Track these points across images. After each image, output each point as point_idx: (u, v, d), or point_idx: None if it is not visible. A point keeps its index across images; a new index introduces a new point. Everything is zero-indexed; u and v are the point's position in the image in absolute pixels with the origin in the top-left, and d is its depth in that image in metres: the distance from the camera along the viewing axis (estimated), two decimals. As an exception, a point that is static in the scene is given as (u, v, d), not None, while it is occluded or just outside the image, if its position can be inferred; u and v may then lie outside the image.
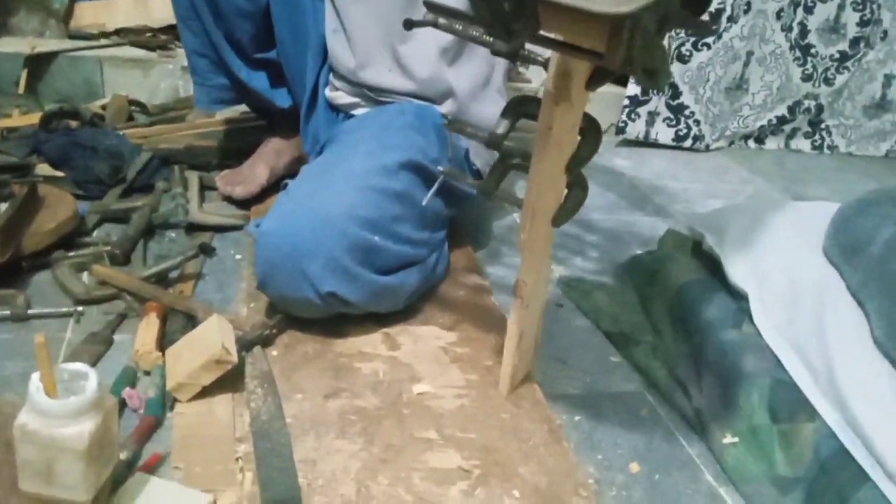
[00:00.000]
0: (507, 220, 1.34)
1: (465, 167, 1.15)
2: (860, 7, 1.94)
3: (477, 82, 1.13)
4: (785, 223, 1.04)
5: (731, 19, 1.83)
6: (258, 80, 1.27)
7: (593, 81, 0.69)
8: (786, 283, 0.93)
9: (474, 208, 1.28)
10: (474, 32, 0.73)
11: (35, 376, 0.59)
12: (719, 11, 1.80)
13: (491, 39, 0.71)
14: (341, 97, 1.18)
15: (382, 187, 0.94)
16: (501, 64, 1.16)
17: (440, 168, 0.90)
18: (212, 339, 0.81)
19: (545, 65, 0.72)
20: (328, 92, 1.20)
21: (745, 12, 1.84)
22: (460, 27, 0.75)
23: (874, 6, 1.94)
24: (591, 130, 0.75)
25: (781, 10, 1.90)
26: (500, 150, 0.79)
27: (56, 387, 0.59)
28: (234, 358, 0.81)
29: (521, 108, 0.77)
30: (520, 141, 0.82)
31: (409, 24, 0.79)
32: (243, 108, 1.45)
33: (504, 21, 0.63)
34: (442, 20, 0.75)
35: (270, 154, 1.32)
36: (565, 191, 0.78)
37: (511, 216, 1.36)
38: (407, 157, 0.98)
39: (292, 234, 0.87)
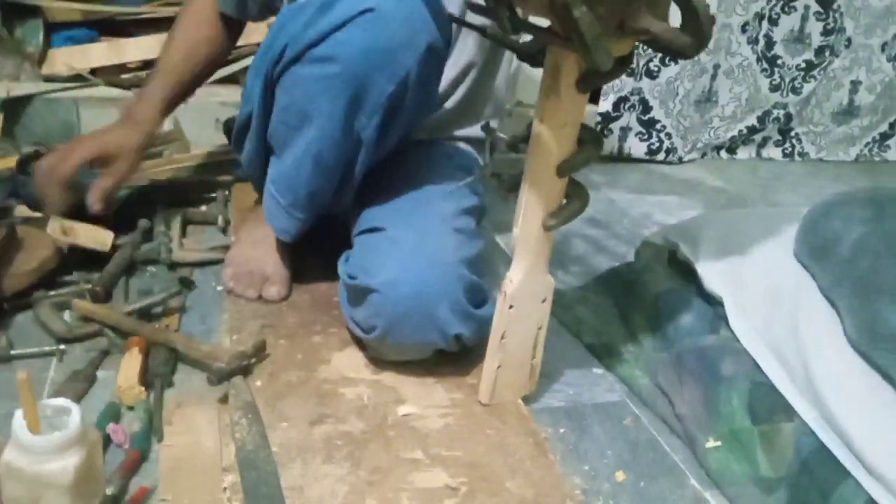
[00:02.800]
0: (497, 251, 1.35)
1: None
2: (823, 17, 1.99)
3: None
4: (756, 229, 1.06)
5: (697, 34, 1.87)
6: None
7: (584, 82, 0.73)
8: (760, 286, 0.94)
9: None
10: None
11: (18, 413, 0.59)
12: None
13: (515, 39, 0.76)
14: None
15: (465, 228, 1.00)
16: None
17: (483, 164, 0.98)
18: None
19: None
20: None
21: (710, 27, 1.88)
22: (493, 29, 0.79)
23: (836, 15, 1.99)
24: (589, 141, 0.79)
25: (746, 23, 1.94)
26: (516, 152, 0.84)
27: (39, 423, 0.59)
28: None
29: None
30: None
31: (463, 24, 0.89)
32: (222, 140, 1.46)
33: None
34: (487, 22, 0.79)
35: (278, 243, 1.13)
36: (564, 201, 0.81)
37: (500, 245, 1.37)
38: (476, 199, 1.07)
39: (420, 282, 0.89)
